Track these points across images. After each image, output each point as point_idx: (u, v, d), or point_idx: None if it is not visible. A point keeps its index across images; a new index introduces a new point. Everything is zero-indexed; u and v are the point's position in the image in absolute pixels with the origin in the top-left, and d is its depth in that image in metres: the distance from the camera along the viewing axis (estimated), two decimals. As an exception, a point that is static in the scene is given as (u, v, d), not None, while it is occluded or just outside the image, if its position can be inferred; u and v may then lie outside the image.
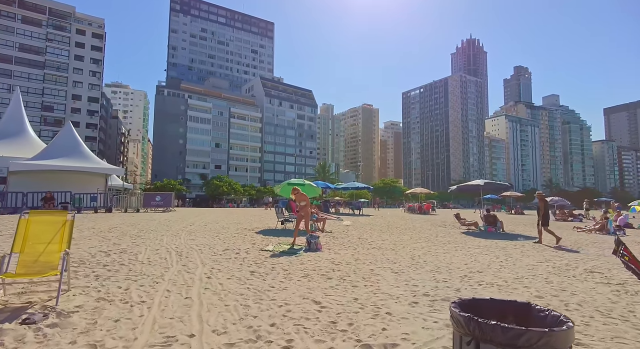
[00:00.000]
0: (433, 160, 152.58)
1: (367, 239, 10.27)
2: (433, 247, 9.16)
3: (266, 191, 79.63)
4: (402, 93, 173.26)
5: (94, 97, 72.47)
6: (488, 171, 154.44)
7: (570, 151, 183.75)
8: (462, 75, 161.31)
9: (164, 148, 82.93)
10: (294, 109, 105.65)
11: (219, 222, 14.35)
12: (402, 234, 12.39)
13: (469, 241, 10.84)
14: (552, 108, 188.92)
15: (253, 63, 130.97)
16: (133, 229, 10.64)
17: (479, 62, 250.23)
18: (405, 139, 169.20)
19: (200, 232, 10.61)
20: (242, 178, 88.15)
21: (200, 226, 12.62)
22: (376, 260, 6.84)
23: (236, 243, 8.46)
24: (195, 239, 8.88)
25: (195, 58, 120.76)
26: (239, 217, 18.71)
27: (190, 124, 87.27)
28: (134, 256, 6.37)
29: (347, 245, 8.92)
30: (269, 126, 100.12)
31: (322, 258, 6.86)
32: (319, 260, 6.62)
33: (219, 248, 7.59)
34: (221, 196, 70.42)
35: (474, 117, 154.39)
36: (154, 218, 15.34)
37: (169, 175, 74.37)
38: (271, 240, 9.27)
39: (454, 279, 5.32)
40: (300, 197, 8.76)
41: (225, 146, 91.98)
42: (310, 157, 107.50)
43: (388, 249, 8.51)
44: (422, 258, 7.35)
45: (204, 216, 19.67)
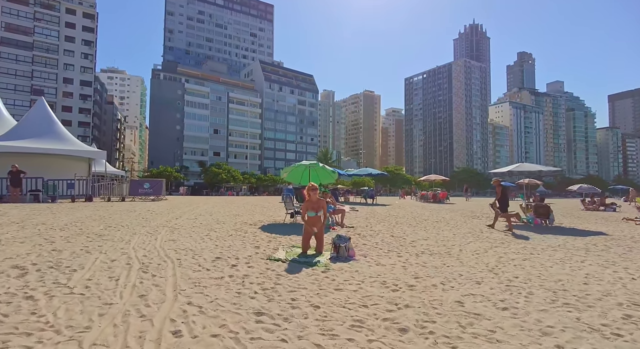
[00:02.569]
0: (436, 147, 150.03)
1: (402, 238, 7.92)
2: (495, 248, 6.84)
3: (267, 178, 77.34)
4: (404, 79, 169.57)
5: (86, 80, 69.38)
6: (491, 159, 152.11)
7: (574, 138, 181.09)
8: (466, 60, 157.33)
9: (161, 134, 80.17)
10: (295, 94, 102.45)
11: (213, 215, 11.95)
12: (437, 228, 10.05)
13: (526, 238, 8.50)
14: (557, 95, 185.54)
15: (252, 47, 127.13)
16: (99, 224, 8.26)
17: (482, 48, 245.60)
18: (407, 126, 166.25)
19: (186, 228, 8.22)
20: (242, 165, 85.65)
21: (189, 219, 10.23)
22: (445, 277, 4.49)
23: (233, 247, 6.09)
24: (177, 240, 6.51)
25: (192, 42, 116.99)
26: (238, 208, 16.33)
27: (187, 110, 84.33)
28: (67, 275, 3.98)
29: (384, 248, 6.57)
30: (269, 112, 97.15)
31: (364, 275, 4.50)
32: (361, 279, 4.26)
33: (207, 256, 5.22)
34: (220, 183, 68.09)
35: (477, 104, 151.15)
36: (135, 209, 12.93)
37: (166, 162, 71.90)
38: (280, 240, 6.90)
39: (616, 320, 2.95)
40: (315, 203, 5.98)
41: (224, 132, 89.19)
42: (311, 144, 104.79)
43: (442, 254, 6.17)
44: (501, 269, 5.06)
45: (197, 205, 17.30)
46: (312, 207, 5.96)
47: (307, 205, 6.00)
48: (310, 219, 5.92)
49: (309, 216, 5.93)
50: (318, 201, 6.01)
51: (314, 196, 5.98)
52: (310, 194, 6.00)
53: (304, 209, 5.99)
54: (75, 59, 67.99)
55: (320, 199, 6.09)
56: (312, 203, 5.97)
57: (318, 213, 5.92)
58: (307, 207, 5.98)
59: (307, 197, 6.05)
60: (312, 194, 5.98)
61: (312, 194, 5.98)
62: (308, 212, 5.92)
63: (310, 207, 5.96)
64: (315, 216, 5.91)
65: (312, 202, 5.98)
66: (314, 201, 5.98)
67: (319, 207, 5.96)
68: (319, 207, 5.95)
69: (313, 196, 5.98)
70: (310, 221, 5.91)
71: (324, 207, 6.01)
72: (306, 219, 5.93)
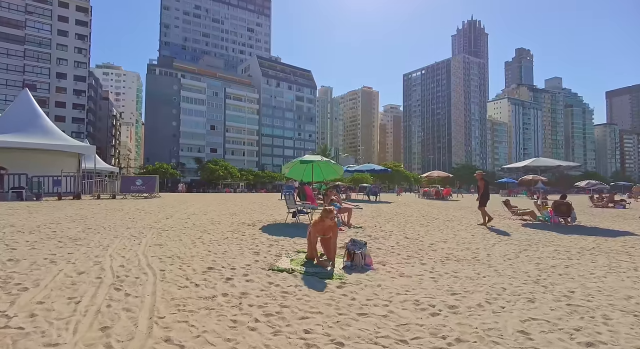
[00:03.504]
0: (434, 144, 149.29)
1: (419, 240, 7.09)
2: (525, 252, 6.02)
3: (265, 175, 76.40)
4: (403, 75, 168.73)
5: (80, 75, 67.94)
6: (490, 155, 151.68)
7: (572, 135, 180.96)
8: (465, 56, 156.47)
9: (157, 130, 78.90)
10: (293, 90, 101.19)
11: (208, 214, 11.07)
12: (451, 228, 9.24)
13: (552, 239, 7.72)
14: (555, 91, 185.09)
15: (249, 42, 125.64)
16: (78, 225, 7.37)
17: (480, 44, 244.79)
18: (405, 122, 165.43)
19: (177, 230, 7.35)
20: (239, 162, 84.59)
21: (181, 219, 9.35)
22: (487, 293, 3.65)
23: (229, 253, 5.23)
24: (164, 245, 5.64)
25: (189, 37, 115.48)
26: (235, 206, 15.46)
27: (183, 105, 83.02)
28: (12, 297, 3.11)
29: (402, 252, 5.73)
30: (266, 108, 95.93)
31: (389, 290, 3.66)
32: (388, 298, 3.42)
33: (197, 266, 4.36)
34: (217, 180, 67.11)
35: (476, 100, 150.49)
36: (124, 207, 12.04)
37: (162, 159, 70.78)
38: (283, 245, 6.04)
39: None
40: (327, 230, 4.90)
41: (221, 129, 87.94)
42: (309, 140, 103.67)
43: (469, 260, 5.34)
44: (548, 280, 4.25)
45: (191, 203, 16.42)
46: (322, 232, 4.90)
47: (317, 230, 4.86)
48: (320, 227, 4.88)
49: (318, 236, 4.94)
50: (330, 227, 4.91)
51: (327, 221, 4.85)
52: (324, 219, 4.84)
53: (313, 233, 4.84)
54: (68, 53, 66.55)
55: (333, 225, 4.98)
56: (324, 229, 4.88)
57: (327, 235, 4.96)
58: (317, 231, 4.86)
59: (320, 221, 4.88)
60: (327, 219, 4.84)
61: (327, 219, 4.84)
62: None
63: (320, 231, 4.89)
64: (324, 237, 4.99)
65: (323, 228, 4.87)
66: (326, 226, 4.87)
67: (329, 232, 4.92)
68: (329, 232, 4.92)
69: (326, 222, 4.84)
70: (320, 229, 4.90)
71: (335, 232, 4.98)
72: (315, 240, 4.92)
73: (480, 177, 11.01)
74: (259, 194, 45.31)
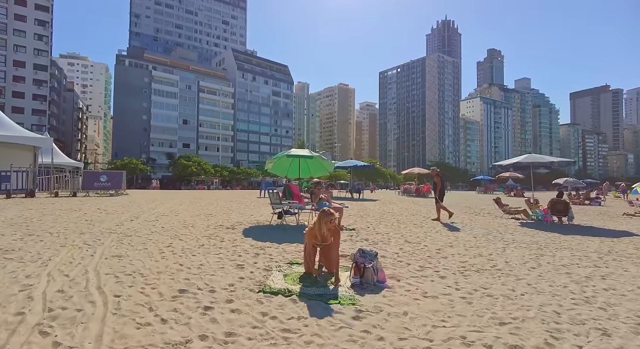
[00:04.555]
0: (409, 141, 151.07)
1: (422, 245, 6.31)
2: (542, 258, 5.33)
3: (240, 171, 74.50)
4: (379, 72, 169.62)
5: (41, 64, 63.67)
6: (462, 153, 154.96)
7: (539, 134, 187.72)
8: (439, 55, 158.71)
9: (126, 124, 75.31)
10: (269, 84, 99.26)
11: (179, 214, 9.89)
12: (449, 228, 8.54)
13: (559, 240, 7.17)
14: (524, 91, 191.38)
15: (224, 35, 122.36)
16: (17, 230, 6.12)
17: (453, 44, 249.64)
18: (381, 120, 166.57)
19: (142, 236, 6.24)
20: (213, 158, 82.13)
21: (148, 221, 8.19)
22: (542, 320, 2.86)
23: (206, 268, 4.22)
24: (125, 257, 4.56)
25: (160, 28, 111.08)
26: (210, 205, 14.27)
27: (154, 98, 79.69)
28: None
29: (412, 262, 4.90)
30: (242, 102, 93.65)
31: (422, 321, 2.79)
32: (426, 335, 2.56)
33: (165, 289, 3.34)
34: (190, 177, 64.79)
35: (450, 99, 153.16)
36: (82, 207, 10.67)
37: (132, 154, 67.64)
38: (271, 254, 5.09)
39: None
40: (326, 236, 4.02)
41: (194, 123, 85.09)
42: (286, 136, 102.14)
43: (491, 270, 4.58)
44: (599, 298, 3.51)
45: (161, 202, 15.10)
46: (321, 239, 4.01)
47: (313, 237, 4.02)
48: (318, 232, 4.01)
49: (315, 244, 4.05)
50: (331, 232, 4.02)
51: (327, 226, 3.95)
52: (322, 224, 3.94)
53: (309, 241, 4.02)
54: (27, 40, 62.17)
55: (334, 230, 4.08)
56: (323, 236, 4.00)
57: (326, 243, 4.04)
58: (313, 238, 4.02)
59: (317, 226, 3.99)
60: (328, 223, 3.94)
61: (328, 223, 3.94)
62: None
63: (317, 239, 4.01)
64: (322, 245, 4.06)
65: (322, 234, 3.98)
66: (326, 231, 3.97)
67: (329, 238, 4.03)
68: (329, 239, 4.03)
69: (325, 227, 3.94)
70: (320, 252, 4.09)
71: (337, 239, 4.10)
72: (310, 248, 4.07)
73: (436, 173, 11.03)
74: (235, 191, 43.85)
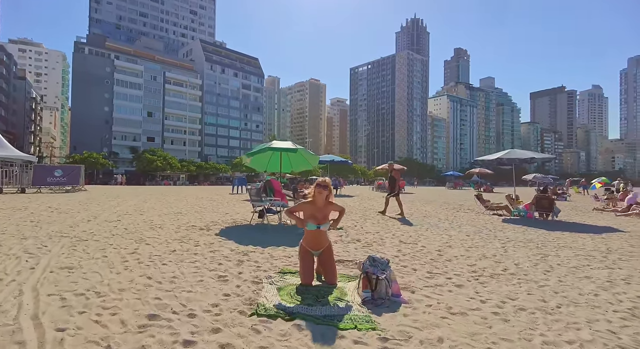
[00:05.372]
0: (379, 138, 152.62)
1: (420, 245, 5.83)
2: (552, 259, 4.95)
3: (208, 167, 72.25)
4: (350, 69, 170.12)
5: (-12, 49, 58.73)
6: (430, 149, 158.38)
7: (502, 131, 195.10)
8: (408, 52, 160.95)
9: (86, 116, 70.94)
10: (239, 77, 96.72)
11: (145, 213, 8.89)
12: (439, 227, 8.15)
13: (552, 238, 6.94)
14: (489, 90, 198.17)
15: (192, 25, 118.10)
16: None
17: (422, 42, 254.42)
18: (352, 116, 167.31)
19: (101, 240, 5.34)
20: (180, 152, 79.13)
21: (109, 222, 7.20)
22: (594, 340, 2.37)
23: (180, 281, 3.46)
24: (77, 269, 3.71)
25: (124, 16, 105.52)
26: (179, 202, 13.24)
27: (117, 89, 75.59)
28: None
29: (418, 267, 4.36)
30: (210, 95, 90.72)
31: (465, 352, 2.22)
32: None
33: (128, 314, 2.57)
34: (155, 172, 62.06)
35: (418, 96, 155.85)
36: (29, 205, 9.41)
37: (92, 148, 63.79)
38: (257, 260, 4.38)
39: None
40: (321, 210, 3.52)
41: (159, 116, 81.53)
42: (256, 131, 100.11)
43: (505, 275, 4.13)
44: (636, 305, 3.07)
45: (124, 198, 13.88)
46: (313, 214, 3.47)
47: (307, 210, 3.52)
48: (310, 235, 3.48)
49: (308, 229, 3.48)
50: (326, 205, 3.55)
51: (320, 197, 3.48)
52: (314, 194, 3.49)
53: (303, 214, 3.53)
54: (-27, 22, 57.04)
55: (332, 203, 3.61)
56: (316, 208, 3.49)
57: (322, 226, 3.45)
58: (307, 213, 3.50)
59: (311, 196, 3.54)
60: (318, 195, 3.47)
61: (318, 195, 3.47)
62: (307, 224, 3.46)
63: (311, 214, 3.48)
64: (317, 229, 3.45)
65: (315, 207, 3.50)
66: (319, 205, 3.50)
67: (325, 216, 3.51)
68: (325, 217, 3.50)
69: (319, 198, 3.48)
70: (312, 238, 3.49)
71: (339, 210, 3.63)
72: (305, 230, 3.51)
73: (392, 168, 11.07)
74: (203, 187, 42.27)
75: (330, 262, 3.51)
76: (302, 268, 3.44)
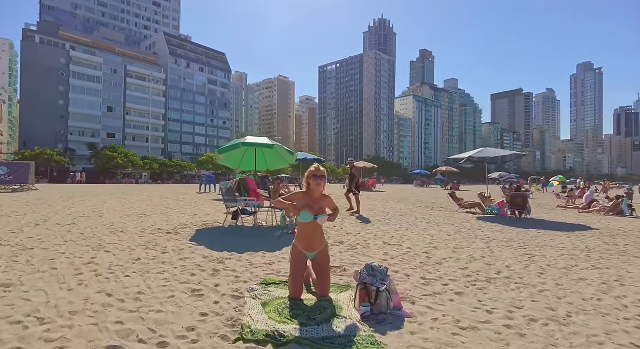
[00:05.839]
0: (347, 136, 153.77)
1: (407, 247, 5.56)
2: (540, 259, 4.82)
3: (172, 164, 69.68)
4: (318, 67, 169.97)
5: None
6: (396, 148, 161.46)
7: (464, 131, 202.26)
8: (376, 52, 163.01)
9: (37, 110, 66.20)
10: (205, 72, 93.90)
11: (104, 214, 8.11)
12: (418, 227, 7.99)
13: (530, 236, 6.89)
14: (452, 91, 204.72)
15: (155, 17, 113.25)
16: None
17: (389, 43, 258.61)
18: (320, 114, 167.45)
19: (49, 247, 4.66)
20: (142, 149, 75.78)
21: (61, 225, 6.42)
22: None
23: (146, 297, 2.94)
24: (17, 286, 3.08)
25: (79, 4, 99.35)
26: (142, 202, 12.37)
27: (73, 82, 71.13)
28: None
29: (411, 273, 4.06)
30: (174, 90, 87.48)
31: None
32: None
33: (79, 344, 2.06)
34: (115, 169, 59.06)
35: (385, 96, 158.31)
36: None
37: (45, 143, 59.64)
38: (235, 269, 3.91)
39: None
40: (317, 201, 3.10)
41: (120, 111, 77.60)
42: (223, 127, 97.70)
43: (501, 278, 3.93)
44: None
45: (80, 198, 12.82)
46: (309, 204, 3.03)
47: (301, 199, 3.08)
48: (305, 231, 3.06)
49: (301, 220, 3.02)
50: (323, 198, 3.14)
51: (317, 189, 3.08)
52: (309, 183, 3.09)
53: (294, 204, 3.04)
54: None
55: (328, 197, 3.20)
56: (312, 199, 3.08)
57: (319, 217, 2.99)
58: (301, 203, 3.05)
59: (306, 186, 3.13)
60: (316, 187, 3.07)
61: (316, 187, 3.07)
62: (302, 212, 3.01)
63: (306, 203, 3.04)
64: (313, 222, 3.00)
65: (311, 198, 3.08)
66: (316, 195, 3.09)
67: (322, 208, 3.08)
68: (322, 209, 3.07)
69: (316, 190, 3.08)
70: (306, 235, 3.06)
71: (334, 208, 3.19)
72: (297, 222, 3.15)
73: (352, 165, 11.08)
74: (167, 185, 40.58)
75: (325, 268, 3.11)
76: (293, 276, 3.02)
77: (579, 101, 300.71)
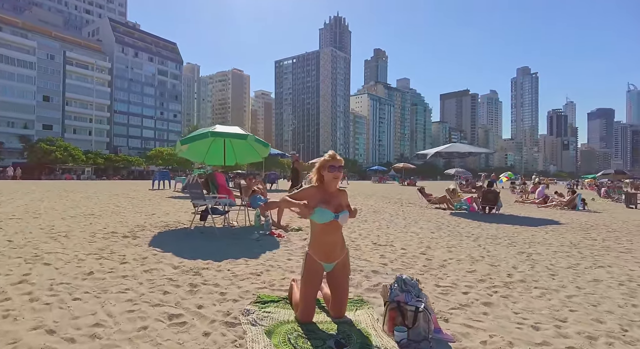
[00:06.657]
0: (304, 133, 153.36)
1: (400, 249, 5.13)
2: (536, 256, 4.59)
3: (118, 159, 65.18)
4: (275, 62, 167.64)
5: None
6: (352, 145, 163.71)
7: (415, 129, 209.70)
8: (332, 49, 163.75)
9: (-43, 97, 58.96)
10: (154, 62, 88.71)
11: (42, 215, 6.87)
12: (399, 225, 7.64)
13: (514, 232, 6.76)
14: (405, 90, 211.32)
15: (99, 2, 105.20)
16: None
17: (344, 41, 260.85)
18: (277, 109, 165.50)
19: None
20: (85, 143, 70.08)
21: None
22: None
23: (109, 332, 2.17)
24: None
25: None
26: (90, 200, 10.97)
27: (1, 67, 64.11)
28: None
29: (423, 280, 3.58)
30: (121, 80, 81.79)
31: None
32: None
33: None
34: (54, 164, 54.05)
35: (341, 93, 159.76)
36: None
37: (-33, 135, 53.22)
38: (216, 282, 3.19)
39: None
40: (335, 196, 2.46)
41: (58, 101, 71.11)
42: (174, 121, 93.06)
43: (515, 282, 3.58)
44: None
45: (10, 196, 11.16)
46: (326, 200, 2.40)
47: (314, 195, 2.41)
48: (324, 235, 2.40)
49: (318, 220, 2.36)
50: (340, 193, 2.52)
51: (334, 183, 2.46)
52: (322, 175, 2.45)
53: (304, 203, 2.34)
54: None
55: (342, 190, 2.59)
56: (328, 194, 2.44)
57: (340, 215, 2.38)
58: (315, 200, 2.38)
59: (317, 179, 2.49)
60: (334, 180, 2.43)
61: (334, 180, 2.43)
62: (318, 209, 2.36)
63: (322, 199, 2.40)
64: (332, 222, 2.37)
65: (327, 193, 2.44)
66: (332, 190, 2.47)
67: (341, 205, 2.45)
68: (341, 206, 2.45)
69: (333, 184, 2.45)
70: (327, 240, 2.41)
71: (351, 208, 2.52)
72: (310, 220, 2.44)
73: (296, 159, 11.08)
74: (114, 181, 37.67)
75: (345, 281, 2.50)
76: (306, 296, 2.38)
77: (518, 102, 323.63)
